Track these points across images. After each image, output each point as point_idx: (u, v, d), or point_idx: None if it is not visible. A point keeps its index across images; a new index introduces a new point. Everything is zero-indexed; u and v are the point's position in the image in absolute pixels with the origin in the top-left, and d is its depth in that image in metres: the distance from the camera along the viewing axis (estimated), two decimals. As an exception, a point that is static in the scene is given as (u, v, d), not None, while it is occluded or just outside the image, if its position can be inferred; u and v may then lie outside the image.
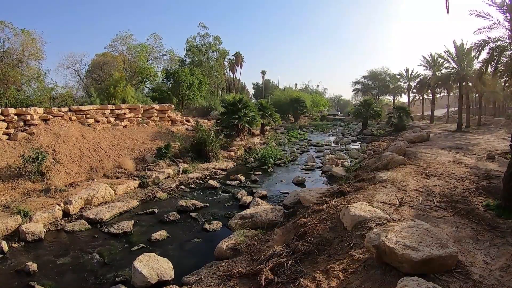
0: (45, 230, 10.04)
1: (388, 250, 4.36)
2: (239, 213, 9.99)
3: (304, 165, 18.87)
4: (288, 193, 12.49)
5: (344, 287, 4.56)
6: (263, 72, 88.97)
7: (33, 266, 7.87)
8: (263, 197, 12.63)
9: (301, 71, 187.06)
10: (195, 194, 13.80)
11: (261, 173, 17.18)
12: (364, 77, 70.65)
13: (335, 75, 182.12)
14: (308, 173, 16.99)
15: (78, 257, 8.54)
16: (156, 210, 11.70)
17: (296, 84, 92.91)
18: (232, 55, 70.97)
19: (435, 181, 9.44)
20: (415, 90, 49.94)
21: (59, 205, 11.32)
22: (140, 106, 22.78)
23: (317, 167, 18.23)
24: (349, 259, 5.19)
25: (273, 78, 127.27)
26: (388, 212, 6.68)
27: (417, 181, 9.51)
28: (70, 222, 10.79)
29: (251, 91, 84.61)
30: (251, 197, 12.56)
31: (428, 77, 38.94)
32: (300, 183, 14.82)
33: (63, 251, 8.97)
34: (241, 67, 77.69)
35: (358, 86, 72.60)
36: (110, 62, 35.06)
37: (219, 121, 24.59)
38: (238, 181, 15.44)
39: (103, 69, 34.67)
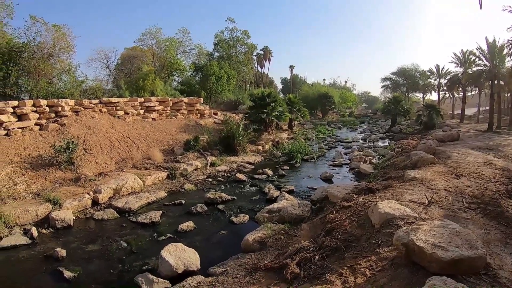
0: (74, 218, 10.30)
1: (417, 248, 4.30)
2: (267, 206, 10.00)
3: (332, 161, 18.74)
4: (316, 189, 12.43)
5: (371, 284, 4.51)
6: (291, 67, 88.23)
7: (62, 252, 8.08)
8: (290, 192, 12.60)
9: (329, 66, 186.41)
10: (222, 187, 13.87)
11: (288, 168, 17.15)
12: (393, 73, 69.01)
13: (364, 71, 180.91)
14: (335, 169, 16.86)
15: (106, 245, 8.72)
16: (183, 202, 11.82)
17: (324, 80, 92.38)
18: (261, 50, 70.75)
19: (464, 182, 9.23)
20: (445, 88, 48.68)
21: (88, 194, 11.57)
22: (169, 99, 22.97)
23: (345, 164, 18.08)
24: (376, 257, 5.14)
25: (301, 73, 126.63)
26: (416, 211, 6.58)
27: (447, 181, 9.32)
28: (99, 210, 11.02)
29: (279, 86, 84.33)
30: (279, 192, 12.56)
31: (459, 75, 38.04)
32: (328, 179, 14.72)
33: (92, 238, 9.17)
34: (269, 62, 77.46)
35: (387, 83, 71.18)
36: (139, 56, 35.50)
37: (247, 115, 24.58)
38: (265, 175, 15.46)
39: (132, 62, 35.14)
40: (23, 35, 24.86)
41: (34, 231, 9.21)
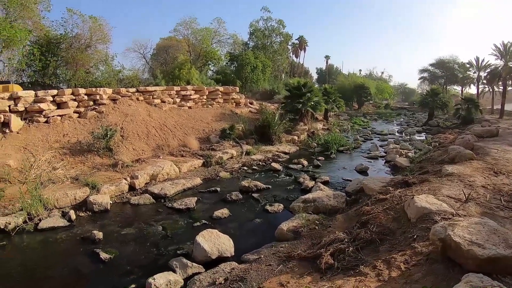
0: (111, 202, 10.58)
1: (454, 244, 4.22)
2: (302, 196, 9.94)
3: (367, 153, 18.48)
4: (351, 181, 12.30)
5: (405, 279, 4.46)
6: (327, 57, 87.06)
7: (99, 235, 8.31)
8: (325, 183, 12.49)
9: (365, 57, 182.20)
10: (257, 175, 13.92)
11: (323, 158, 17.03)
12: (431, 64, 66.67)
13: (401, 62, 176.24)
14: (371, 162, 16.64)
15: (141, 229, 8.91)
16: (218, 189, 11.93)
17: (360, 70, 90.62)
18: (296, 39, 69.90)
19: (503, 180, 8.92)
20: (485, 81, 47.04)
21: (125, 179, 11.88)
22: (205, 88, 23.21)
23: (380, 156, 17.79)
24: (411, 251, 5.06)
25: (337, 64, 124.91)
26: (453, 207, 6.42)
27: (485, 178, 9.04)
28: (135, 195, 11.29)
29: (314, 76, 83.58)
30: (313, 182, 12.46)
31: (500, 68, 36.72)
32: (363, 171, 14.55)
33: (128, 222, 9.41)
34: (304, 52, 76.51)
35: (425, 74, 69.19)
36: (174, 46, 36.05)
37: (283, 104, 24.52)
38: (300, 165, 15.40)
39: (168, 52, 35.73)
40: (61, 27, 25.83)
41: (72, 214, 9.54)
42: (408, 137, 25.53)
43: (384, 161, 16.80)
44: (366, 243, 5.93)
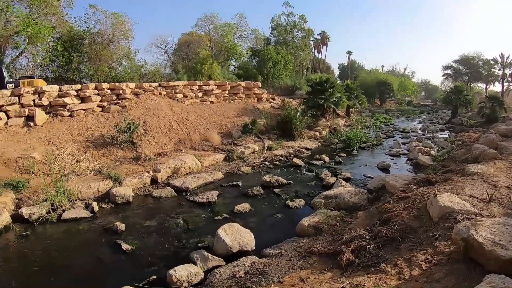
0: (134, 195, 10.73)
1: (476, 244, 4.17)
2: (323, 192, 9.87)
3: (389, 151, 18.27)
4: (372, 178, 12.24)
5: (426, 278, 4.42)
6: (349, 53, 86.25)
7: (121, 226, 8.47)
8: (347, 179, 12.40)
9: (388, 52, 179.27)
10: (278, 171, 13.90)
11: (345, 155, 16.92)
12: (455, 61, 65.10)
13: (424, 58, 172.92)
14: (393, 159, 16.46)
15: (163, 221, 9.04)
16: (240, 184, 11.97)
17: (382, 66, 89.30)
18: (318, 34, 69.51)
19: (528, 181, 8.75)
20: (510, 79, 45.95)
21: (148, 172, 12.03)
22: (227, 83, 23.27)
23: (403, 154, 17.56)
24: (433, 250, 5.02)
25: (359, 59, 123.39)
26: (476, 207, 6.33)
27: (509, 178, 8.85)
28: (157, 188, 11.41)
29: (336, 72, 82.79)
30: (335, 178, 12.39)
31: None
32: (385, 169, 14.39)
33: (149, 214, 9.54)
34: (326, 47, 76.17)
35: (449, 71, 67.96)
36: (196, 41, 36.31)
37: (305, 100, 24.43)
38: (322, 161, 15.32)
39: (189, 47, 35.99)
40: (83, 23, 26.46)
41: (95, 206, 9.74)
42: (431, 135, 25.16)
43: (406, 158, 16.60)
44: (388, 241, 5.89)
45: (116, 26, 26.62)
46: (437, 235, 5.48)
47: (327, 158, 15.68)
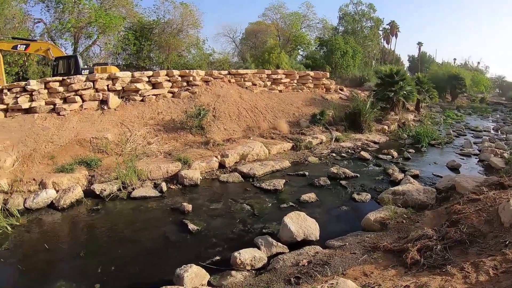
0: (201, 178, 10.93)
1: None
2: (391, 188, 9.50)
3: (460, 150, 17.19)
4: (441, 177, 11.50)
5: (492, 285, 4.15)
6: (420, 44, 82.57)
7: (188, 207, 8.67)
8: (415, 176, 11.76)
9: (460, 45, 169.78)
10: (345, 163, 13.50)
11: (414, 151, 16.15)
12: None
13: (499, 52, 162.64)
14: (463, 159, 15.47)
15: (229, 205, 9.12)
16: (307, 173, 11.73)
17: (454, 59, 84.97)
18: (387, 24, 67.09)
19: None
20: None
21: (216, 157, 12.15)
22: (296, 72, 22.95)
23: (474, 154, 16.46)
24: (501, 257, 4.68)
25: (430, 51, 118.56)
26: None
27: None
28: (225, 173, 11.52)
29: (406, 64, 79.73)
30: (403, 175, 11.82)
31: None
32: (454, 168, 13.54)
33: (216, 198, 9.67)
34: (396, 37, 73.33)
35: (528, 68, 63.56)
36: (263, 30, 36.54)
37: (374, 92, 23.68)
38: (390, 156, 14.71)
39: (257, 36, 36.14)
40: (153, 13, 27.41)
41: (164, 186, 10.09)
42: (504, 136, 23.49)
43: (478, 159, 15.56)
44: (455, 243, 5.61)
45: (184, 16, 27.42)
46: (507, 242, 5.14)
47: (395, 153, 15.01)
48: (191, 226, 7.65)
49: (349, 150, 15.34)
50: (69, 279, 5.90)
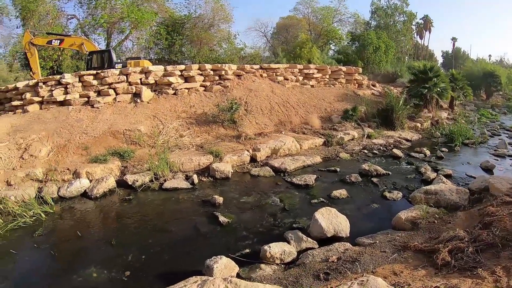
0: (232, 171, 10.98)
1: None
2: (424, 187, 9.29)
3: (494, 150, 16.59)
4: (475, 177, 11.15)
5: None
6: (454, 39, 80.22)
7: (219, 199, 8.76)
8: (448, 176, 11.42)
9: (495, 41, 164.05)
10: (377, 160, 13.32)
11: (447, 150, 15.71)
12: None
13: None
14: (497, 160, 14.93)
15: (259, 199, 9.13)
16: (338, 169, 11.62)
17: (490, 56, 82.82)
18: (420, 19, 65.62)
19: None
20: None
21: (247, 151, 12.22)
22: (328, 67, 22.69)
23: (508, 155, 15.90)
24: None
25: (464, 47, 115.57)
26: None
27: None
28: (256, 167, 11.55)
29: (439, 60, 77.91)
30: (435, 174, 11.52)
31: None
32: (488, 169, 13.10)
33: (247, 191, 9.71)
34: (429, 33, 71.68)
35: None
36: (294, 25, 36.34)
37: (407, 88, 23.21)
38: (422, 155, 14.35)
39: (288, 31, 36.00)
40: (184, 8, 27.99)
41: (195, 178, 10.24)
42: (542, 138, 22.67)
43: (512, 161, 15.07)
44: (487, 246, 5.47)
45: (216, 10, 27.66)
46: (541, 247, 4.99)
47: (428, 152, 14.64)
48: (222, 219, 7.71)
49: (381, 147, 15.10)
50: (100, 265, 6.05)
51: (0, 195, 8.74)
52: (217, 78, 17.30)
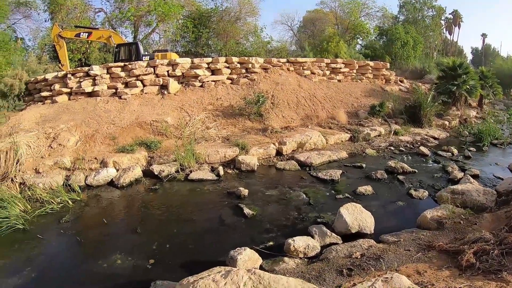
0: (258, 164, 11.05)
1: None
2: (451, 186, 9.08)
3: None
4: (503, 179, 10.84)
5: None
6: (484, 36, 77.90)
7: (244, 192, 8.80)
8: (475, 176, 11.13)
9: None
10: (403, 157, 13.13)
11: (475, 150, 15.30)
12: None
13: None
14: None
15: (284, 192, 9.12)
16: (364, 165, 11.52)
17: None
18: (449, 14, 64.08)
19: None
20: None
21: (273, 144, 12.23)
22: (355, 62, 22.41)
23: None
24: None
25: (494, 44, 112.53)
26: None
27: None
28: (282, 161, 11.56)
29: (469, 57, 75.96)
30: (462, 174, 11.24)
31: None
32: None
33: (272, 184, 9.70)
34: (458, 28, 69.95)
35: None
36: (321, 18, 36.05)
37: (435, 85, 22.76)
38: (450, 154, 14.02)
39: (315, 25, 35.73)
40: (211, 1, 28.17)
41: (221, 170, 10.32)
42: None
43: (542, 163, 14.62)
44: None
45: (242, 3, 27.79)
46: None
47: (455, 151, 14.30)
48: (246, 211, 7.73)
49: (408, 145, 14.88)
50: (125, 252, 6.16)
51: (28, 182, 9.01)
52: (243, 71, 17.33)
